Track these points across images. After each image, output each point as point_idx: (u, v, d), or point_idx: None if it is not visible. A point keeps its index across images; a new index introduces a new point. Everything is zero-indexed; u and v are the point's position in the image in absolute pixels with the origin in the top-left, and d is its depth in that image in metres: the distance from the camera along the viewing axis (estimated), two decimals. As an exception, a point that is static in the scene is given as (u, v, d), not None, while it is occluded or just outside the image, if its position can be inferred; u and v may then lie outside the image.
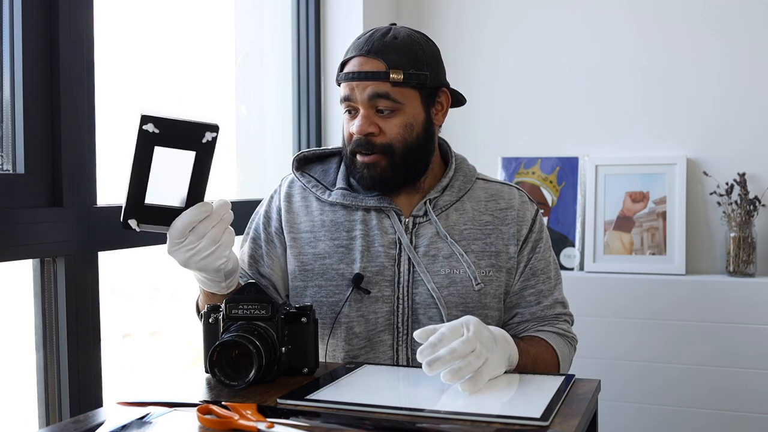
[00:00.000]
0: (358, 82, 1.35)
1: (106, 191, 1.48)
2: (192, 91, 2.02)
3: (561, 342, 1.40)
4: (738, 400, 2.16)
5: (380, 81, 1.34)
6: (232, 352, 1.13)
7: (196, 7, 2.07)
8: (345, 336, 1.38)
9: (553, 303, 1.44)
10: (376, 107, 1.35)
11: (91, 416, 1.03)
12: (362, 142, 1.36)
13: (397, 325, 1.37)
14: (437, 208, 1.42)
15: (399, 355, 1.37)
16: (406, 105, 1.36)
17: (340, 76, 1.39)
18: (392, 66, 1.34)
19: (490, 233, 1.42)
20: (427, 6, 2.63)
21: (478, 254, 1.40)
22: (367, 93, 1.34)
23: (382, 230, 1.39)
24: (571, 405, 1.06)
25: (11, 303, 1.45)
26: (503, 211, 1.44)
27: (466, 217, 1.42)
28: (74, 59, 1.38)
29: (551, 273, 1.46)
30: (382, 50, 1.35)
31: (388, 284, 1.37)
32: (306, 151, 1.51)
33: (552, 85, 2.49)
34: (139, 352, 1.90)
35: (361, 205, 1.41)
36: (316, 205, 1.44)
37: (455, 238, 1.39)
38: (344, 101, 1.38)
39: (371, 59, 1.35)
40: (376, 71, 1.34)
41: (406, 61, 1.35)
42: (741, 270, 2.23)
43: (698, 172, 2.34)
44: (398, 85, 1.34)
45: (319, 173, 1.47)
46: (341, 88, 1.39)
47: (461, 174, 1.46)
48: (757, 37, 2.28)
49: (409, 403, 1.05)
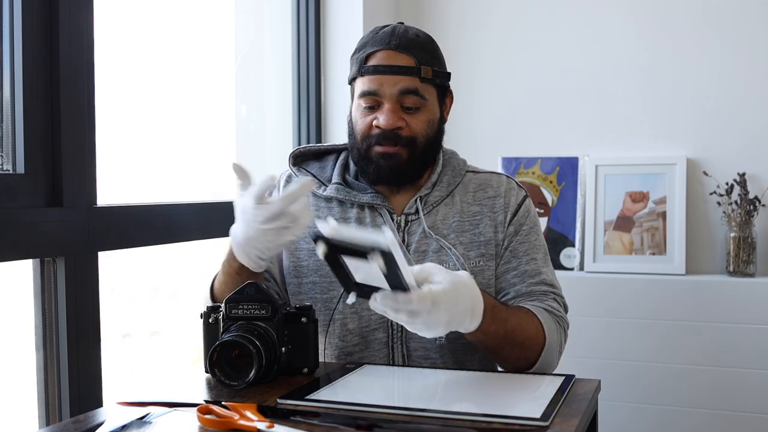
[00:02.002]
0: (389, 76, 1.33)
1: (106, 191, 1.48)
2: (192, 91, 2.02)
3: (549, 318, 1.33)
4: (737, 399, 2.16)
5: (412, 76, 1.33)
6: (232, 352, 1.13)
7: (196, 7, 2.07)
8: (339, 333, 1.38)
9: (539, 282, 1.39)
10: (403, 103, 1.34)
11: (91, 416, 1.03)
12: (389, 135, 1.34)
13: (391, 323, 1.36)
14: (428, 204, 1.41)
15: (394, 352, 1.37)
16: (429, 102, 1.37)
17: (365, 69, 1.35)
18: (422, 62, 1.34)
19: (478, 223, 1.41)
20: (427, 6, 2.63)
21: (466, 246, 1.39)
22: (398, 88, 1.33)
23: (375, 228, 1.39)
24: (571, 405, 1.06)
25: (11, 303, 1.45)
26: (491, 200, 1.43)
27: (455, 210, 1.41)
28: (74, 59, 1.38)
29: (537, 255, 1.41)
30: (411, 46, 1.35)
31: None
32: (303, 147, 1.50)
33: (552, 85, 2.49)
34: (139, 352, 1.89)
35: (355, 201, 1.41)
36: (312, 201, 1.44)
37: (444, 232, 1.39)
38: (367, 95, 1.35)
39: (401, 54, 1.34)
40: (408, 66, 1.33)
41: (432, 59, 1.36)
42: (741, 270, 2.22)
43: (698, 172, 2.34)
44: (426, 81, 1.35)
45: (315, 169, 1.47)
46: (363, 81, 1.35)
47: (449, 169, 1.46)
48: (757, 36, 2.28)
49: (408, 403, 1.05)
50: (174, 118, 1.95)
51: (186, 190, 1.97)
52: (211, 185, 2.07)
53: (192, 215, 1.71)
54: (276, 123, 2.41)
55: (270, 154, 2.40)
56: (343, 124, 2.43)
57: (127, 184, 1.79)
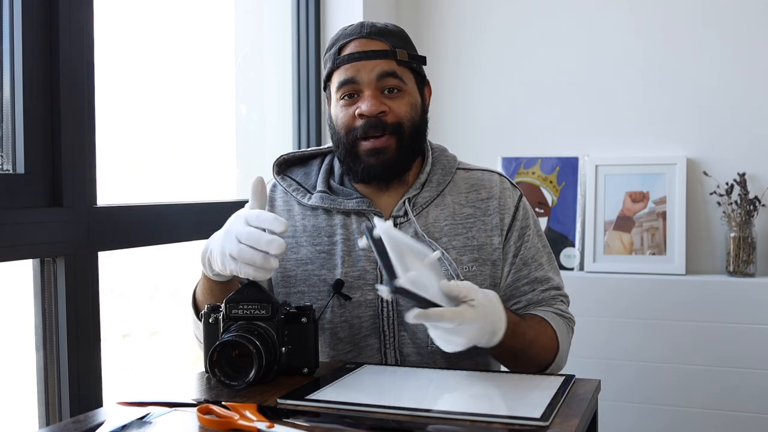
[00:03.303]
0: (365, 62, 1.32)
1: (106, 191, 1.48)
2: (192, 91, 2.02)
3: (561, 322, 1.38)
4: (738, 400, 2.16)
5: (388, 59, 1.33)
6: (232, 352, 1.13)
7: (196, 7, 2.07)
8: (330, 342, 1.37)
9: (548, 287, 1.42)
10: (383, 87, 1.33)
11: (91, 416, 1.03)
12: (373, 123, 1.32)
13: (383, 329, 1.35)
14: (417, 206, 1.39)
15: (387, 358, 1.36)
16: (408, 86, 1.36)
17: (340, 59, 1.35)
18: (396, 46, 1.35)
19: (471, 226, 1.39)
20: (427, 6, 2.63)
21: (459, 250, 1.37)
22: (375, 72, 1.33)
23: (362, 234, 1.36)
24: (571, 405, 1.06)
25: (11, 303, 1.45)
26: (484, 202, 1.41)
27: (447, 212, 1.39)
28: (74, 59, 1.38)
29: (543, 259, 1.43)
30: (382, 33, 1.36)
31: (370, 288, 1.35)
32: (286, 154, 1.48)
33: (552, 85, 2.49)
34: (139, 352, 1.89)
35: (340, 209, 1.38)
36: (298, 209, 1.42)
37: (436, 235, 1.37)
38: (345, 84, 1.34)
39: (374, 40, 1.35)
40: (382, 50, 1.34)
41: (405, 44, 1.38)
42: (741, 270, 2.23)
43: (698, 172, 2.34)
44: (402, 64, 1.35)
45: (300, 176, 1.44)
46: (340, 72, 1.35)
47: (439, 167, 1.43)
48: (756, 36, 2.28)
49: (409, 403, 1.05)
50: (174, 118, 1.95)
51: (186, 190, 1.97)
52: (211, 185, 2.07)
53: (192, 215, 1.71)
54: (276, 123, 2.41)
55: (270, 154, 2.40)
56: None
57: (127, 184, 1.79)
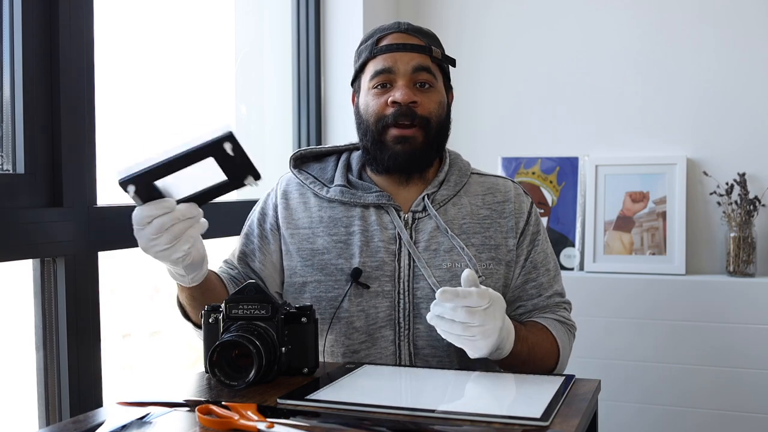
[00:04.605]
0: (402, 54, 1.39)
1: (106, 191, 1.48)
2: (192, 91, 2.02)
3: (561, 329, 1.41)
4: (737, 399, 2.16)
5: (424, 54, 1.40)
6: (232, 352, 1.13)
7: (196, 7, 2.07)
8: (345, 331, 1.38)
9: (553, 294, 1.46)
10: (416, 80, 1.39)
11: (91, 416, 1.03)
12: (405, 111, 1.38)
13: (399, 321, 1.37)
14: (435, 202, 1.43)
15: (401, 350, 1.37)
16: (438, 84, 1.43)
17: (378, 49, 1.41)
18: (430, 44, 1.42)
19: (488, 227, 1.43)
20: (428, 6, 2.63)
21: (478, 247, 1.40)
22: (411, 64, 1.39)
23: (381, 226, 1.40)
24: (571, 405, 1.06)
25: (11, 303, 1.45)
26: (500, 204, 1.45)
27: (465, 211, 1.43)
28: (74, 59, 1.38)
29: (550, 265, 1.47)
30: (418, 31, 1.44)
31: (388, 279, 1.37)
32: (303, 149, 1.52)
33: (552, 85, 2.49)
34: (139, 352, 1.89)
35: (359, 202, 1.42)
36: (314, 201, 1.45)
37: (455, 232, 1.40)
38: (381, 74, 1.39)
39: (411, 36, 1.42)
40: (420, 45, 1.41)
41: (437, 44, 1.45)
42: (741, 270, 2.23)
43: (698, 172, 2.34)
44: (435, 61, 1.42)
45: (316, 171, 1.48)
46: (376, 61, 1.40)
47: (456, 169, 1.48)
48: (756, 36, 2.28)
49: (408, 403, 1.05)
50: (174, 118, 1.95)
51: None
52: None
53: (192, 215, 1.71)
54: (276, 123, 2.41)
55: (270, 154, 2.40)
56: (343, 125, 2.43)
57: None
